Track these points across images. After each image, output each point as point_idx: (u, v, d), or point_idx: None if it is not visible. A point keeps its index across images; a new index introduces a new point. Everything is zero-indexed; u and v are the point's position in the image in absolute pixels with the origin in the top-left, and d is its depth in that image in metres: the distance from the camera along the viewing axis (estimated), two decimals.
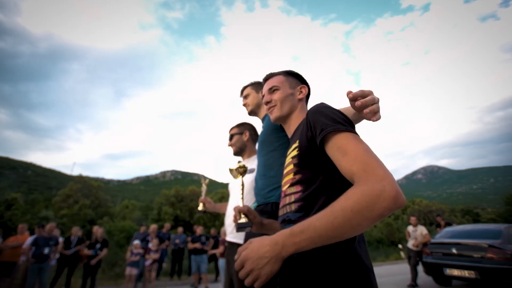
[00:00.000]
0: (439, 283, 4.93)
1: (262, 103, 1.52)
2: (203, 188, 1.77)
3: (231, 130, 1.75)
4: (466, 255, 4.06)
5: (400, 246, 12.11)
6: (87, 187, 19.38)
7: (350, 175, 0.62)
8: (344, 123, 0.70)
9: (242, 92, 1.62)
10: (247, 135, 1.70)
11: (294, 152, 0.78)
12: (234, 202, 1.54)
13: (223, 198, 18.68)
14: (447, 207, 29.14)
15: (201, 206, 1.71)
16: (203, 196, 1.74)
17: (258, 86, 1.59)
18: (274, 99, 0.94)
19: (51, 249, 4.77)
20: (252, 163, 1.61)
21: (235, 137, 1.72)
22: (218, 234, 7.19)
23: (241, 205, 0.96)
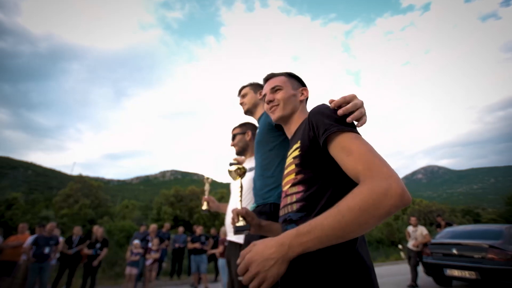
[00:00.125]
0: (439, 283, 4.91)
1: (259, 103, 1.57)
2: (207, 187, 1.75)
3: (234, 130, 1.77)
4: (467, 256, 4.05)
5: (400, 246, 12.10)
6: (87, 187, 19.40)
7: (355, 174, 0.63)
8: (346, 123, 0.70)
9: (240, 91, 1.65)
10: (250, 135, 1.72)
11: (296, 152, 0.78)
12: (235, 202, 1.54)
13: (223, 198, 18.69)
14: (448, 207, 29.09)
15: (205, 205, 1.70)
16: (206, 195, 1.73)
17: (257, 87, 1.60)
18: (277, 99, 0.94)
19: (52, 248, 4.79)
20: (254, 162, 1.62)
21: (237, 137, 1.73)
22: (217, 234, 7.19)
23: (239, 207, 0.95)
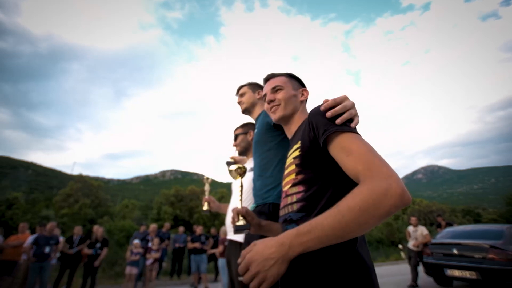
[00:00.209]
0: (439, 283, 4.90)
1: (257, 103, 1.57)
2: (207, 188, 1.75)
3: (236, 130, 1.77)
4: (467, 256, 4.04)
5: (400, 246, 12.09)
6: (87, 186, 19.41)
7: (355, 174, 0.63)
8: (346, 123, 0.71)
9: (239, 90, 1.64)
10: (252, 135, 1.72)
11: (296, 152, 0.78)
12: (235, 202, 1.55)
13: (223, 197, 18.69)
14: (448, 207, 29.06)
15: (205, 206, 1.69)
16: (207, 196, 1.72)
17: (255, 87, 1.60)
18: (278, 98, 0.94)
19: (52, 248, 4.80)
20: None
21: (240, 137, 1.74)
22: (217, 234, 7.18)
23: (239, 206, 0.96)
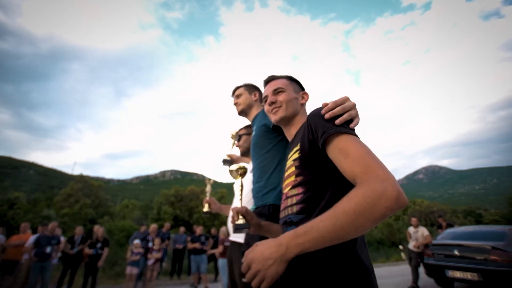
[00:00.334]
0: (441, 285, 4.86)
1: (254, 104, 1.59)
2: (208, 189, 1.74)
3: (240, 131, 1.78)
4: (469, 257, 4.00)
5: (401, 247, 12.05)
6: (88, 186, 19.45)
7: (352, 176, 0.64)
8: (345, 125, 0.72)
9: (235, 91, 1.64)
10: None
11: (296, 154, 0.80)
12: (236, 202, 1.54)
13: (223, 197, 18.68)
14: (449, 207, 28.93)
15: (206, 207, 1.68)
16: (208, 197, 1.71)
17: (251, 88, 1.60)
18: (280, 100, 0.95)
19: (53, 248, 4.83)
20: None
21: (243, 137, 1.75)
22: (217, 234, 7.17)
23: (239, 206, 0.96)
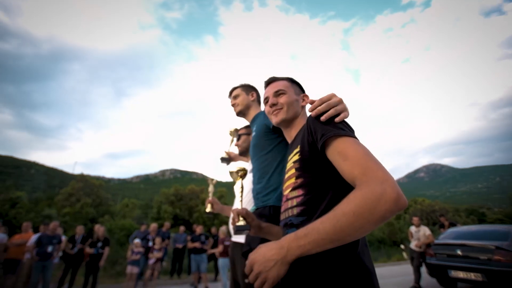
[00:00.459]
0: (443, 285, 4.80)
1: (252, 105, 1.59)
2: (211, 189, 1.73)
3: (239, 131, 1.79)
4: (472, 257, 3.94)
5: (402, 246, 11.99)
6: (88, 185, 19.51)
7: (351, 178, 0.64)
8: (344, 128, 0.72)
9: (231, 92, 1.64)
10: None
11: (296, 156, 0.80)
12: (236, 203, 1.53)
13: (222, 197, 18.67)
14: (451, 206, 28.79)
15: (209, 208, 1.68)
16: (210, 197, 1.70)
17: (248, 88, 1.61)
18: (281, 102, 0.95)
19: (55, 247, 4.84)
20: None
21: (242, 137, 1.76)
22: (217, 233, 7.14)
23: (240, 207, 0.96)
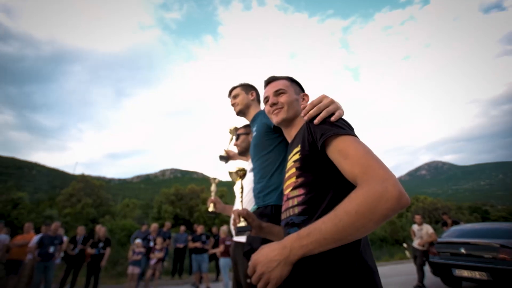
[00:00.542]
0: (447, 284, 4.73)
1: (252, 104, 1.58)
2: (213, 188, 1.72)
3: (238, 130, 1.79)
4: (476, 256, 3.87)
5: (405, 245, 11.92)
6: (89, 186, 19.57)
7: (352, 177, 0.64)
8: (343, 126, 0.72)
9: (231, 92, 1.63)
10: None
11: (296, 156, 0.80)
12: (236, 204, 1.50)
13: (223, 196, 18.67)
14: (454, 204, 28.59)
15: (211, 207, 1.68)
16: (213, 197, 1.69)
17: (247, 88, 1.61)
18: (281, 102, 0.95)
19: (56, 248, 4.83)
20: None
21: (241, 137, 1.75)
22: (218, 233, 7.10)
23: (240, 208, 0.96)
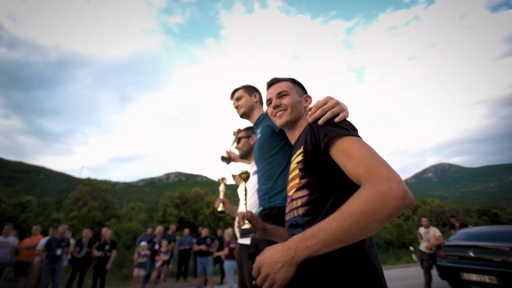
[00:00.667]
0: None
1: (255, 106, 1.59)
2: (222, 188, 1.72)
3: (239, 134, 1.79)
4: (486, 259, 3.79)
5: (411, 248, 11.71)
6: (95, 189, 19.81)
7: (356, 178, 0.64)
8: (347, 127, 0.72)
9: (233, 94, 1.63)
10: (254, 139, 1.72)
11: (299, 157, 0.80)
12: (240, 206, 1.53)
13: (227, 198, 18.61)
14: (461, 207, 28.01)
15: (221, 207, 1.69)
16: (222, 196, 1.70)
17: (250, 90, 1.60)
18: (285, 104, 0.95)
19: (63, 250, 4.92)
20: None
21: (242, 140, 1.75)
22: (223, 236, 7.12)
23: (244, 210, 0.96)
